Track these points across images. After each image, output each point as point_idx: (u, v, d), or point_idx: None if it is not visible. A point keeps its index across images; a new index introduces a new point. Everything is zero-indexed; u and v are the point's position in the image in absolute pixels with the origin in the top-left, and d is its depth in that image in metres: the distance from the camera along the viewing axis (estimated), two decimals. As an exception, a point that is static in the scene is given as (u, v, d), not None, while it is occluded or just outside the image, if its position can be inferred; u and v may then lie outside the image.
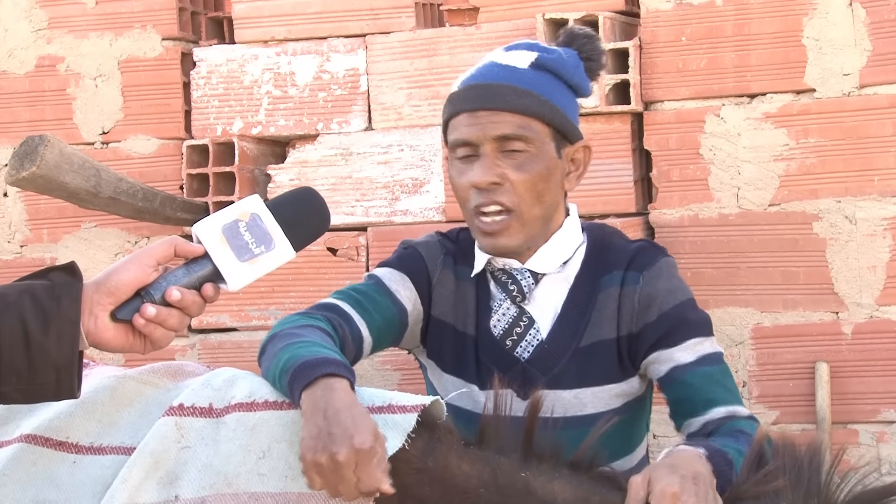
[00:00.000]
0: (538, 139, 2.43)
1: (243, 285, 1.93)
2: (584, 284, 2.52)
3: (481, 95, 2.44)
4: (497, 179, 2.42)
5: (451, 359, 2.57)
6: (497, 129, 2.42)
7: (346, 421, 1.97)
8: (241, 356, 3.39)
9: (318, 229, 2.04)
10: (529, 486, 2.01)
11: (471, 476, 2.04)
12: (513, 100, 2.42)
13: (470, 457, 2.05)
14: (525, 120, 2.43)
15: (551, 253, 2.51)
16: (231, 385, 2.18)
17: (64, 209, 3.54)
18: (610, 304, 2.50)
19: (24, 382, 1.83)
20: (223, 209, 1.96)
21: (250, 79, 3.47)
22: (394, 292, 2.52)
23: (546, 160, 2.45)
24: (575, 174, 2.53)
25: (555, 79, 2.47)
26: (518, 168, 2.42)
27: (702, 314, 2.51)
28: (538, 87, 2.44)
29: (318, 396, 2.02)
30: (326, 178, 3.41)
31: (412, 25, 3.38)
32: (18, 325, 1.81)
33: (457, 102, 2.48)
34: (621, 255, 2.53)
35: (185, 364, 2.38)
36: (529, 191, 2.43)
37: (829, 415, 3.04)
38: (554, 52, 2.50)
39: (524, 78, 2.44)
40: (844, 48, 3.06)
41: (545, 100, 2.44)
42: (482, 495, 2.02)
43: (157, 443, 2.10)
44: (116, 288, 1.87)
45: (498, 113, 2.43)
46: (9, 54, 3.64)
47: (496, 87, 2.44)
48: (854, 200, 3.06)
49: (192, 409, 2.15)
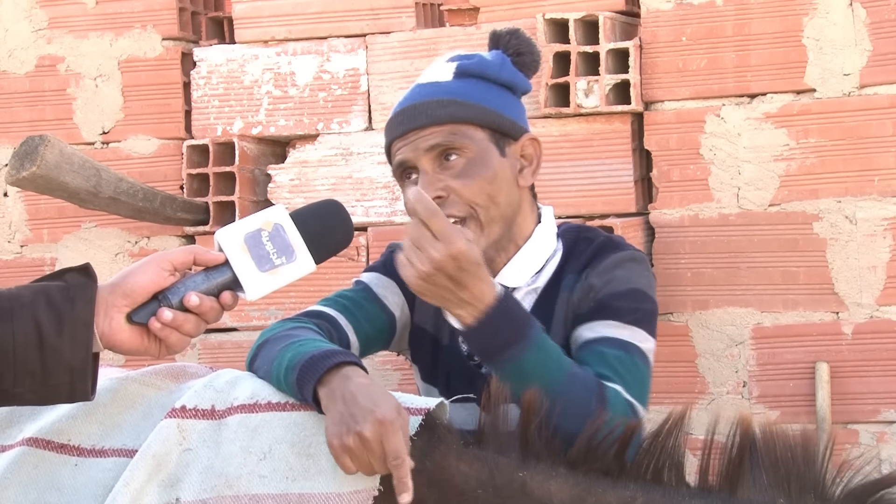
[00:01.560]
0: (472, 143, 2.44)
1: (261, 296, 1.93)
2: (549, 293, 2.50)
3: (408, 117, 2.47)
4: (441, 193, 2.42)
5: (428, 367, 2.58)
6: (426, 142, 2.44)
7: (364, 400, 1.99)
8: (241, 356, 3.38)
9: (340, 243, 2.04)
10: (526, 486, 2.02)
11: (469, 476, 2.04)
12: (436, 111, 2.44)
13: (468, 457, 2.05)
14: (454, 127, 2.44)
15: (522, 265, 2.50)
16: (233, 386, 2.18)
17: (64, 209, 3.54)
18: (561, 308, 2.48)
19: (38, 384, 1.84)
20: (247, 217, 1.95)
21: (250, 79, 3.47)
22: (381, 298, 2.52)
23: (488, 162, 2.45)
24: (529, 169, 2.52)
25: (480, 81, 2.49)
26: (459, 176, 2.43)
27: (634, 304, 2.42)
28: (462, 94, 2.46)
29: (335, 386, 2.03)
30: (326, 178, 3.41)
31: (412, 25, 3.38)
32: (33, 327, 1.81)
33: (389, 132, 2.51)
34: (581, 259, 2.50)
35: (188, 366, 2.38)
36: (477, 195, 2.42)
37: (829, 415, 3.04)
38: (474, 57, 2.52)
39: (446, 89, 2.47)
40: (845, 48, 3.06)
41: (472, 103, 2.45)
42: (480, 496, 2.02)
43: (159, 445, 2.10)
44: (132, 290, 1.87)
45: (425, 128, 2.45)
46: (9, 54, 3.64)
47: (419, 105, 2.47)
48: (854, 200, 3.06)
49: (195, 411, 2.15)
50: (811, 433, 2.02)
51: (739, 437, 2.01)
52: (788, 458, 1.99)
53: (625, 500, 2.00)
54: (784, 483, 1.98)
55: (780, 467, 1.99)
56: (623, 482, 2.03)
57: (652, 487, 2.02)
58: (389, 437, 1.95)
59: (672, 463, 2.03)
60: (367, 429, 1.95)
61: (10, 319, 1.81)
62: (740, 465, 2.00)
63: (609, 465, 2.04)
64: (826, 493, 1.97)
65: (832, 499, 1.97)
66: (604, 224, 3.10)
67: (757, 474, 1.99)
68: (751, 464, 2.00)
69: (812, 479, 1.97)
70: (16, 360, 1.81)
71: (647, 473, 2.03)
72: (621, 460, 2.04)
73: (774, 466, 1.99)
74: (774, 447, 2.00)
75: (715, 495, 2.00)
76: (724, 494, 1.99)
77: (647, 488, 2.02)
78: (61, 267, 2.02)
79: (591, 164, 3.21)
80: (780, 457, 1.99)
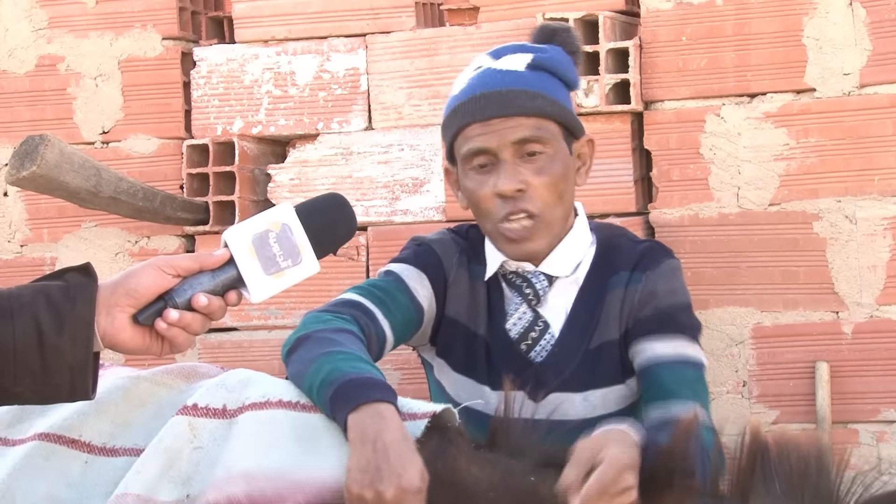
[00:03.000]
0: (553, 140, 2.44)
1: (266, 298, 1.93)
2: (593, 286, 2.51)
3: (492, 103, 2.43)
4: (522, 186, 2.41)
5: (462, 359, 2.56)
6: (515, 134, 2.41)
7: (395, 458, 1.95)
8: (241, 356, 3.39)
9: (343, 239, 2.04)
10: (537, 490, 2.01)
11: (480, 480, 2.03)
12: (525, 103, 2.42)
13: (479, 460, 2.04)
14: (539, 122, 2.43)
15: (564, 255, 2.51)
16: (245, 386, 2.18)
17: (64, 209, 3.54)
18: (615, 304, 2.49)
19: (39, 383, 1.83)
20: (255, 216, 1.94)
21: (250, 78, 3.47)
22: (412, 290, 2.50)
23: (562, 159, 2.46)
24: (584, 169, 2.54)
25: (553, 77, 2.48)
26: (539, 172, 2.42)
27: (694, 320, 2.50)
28: (544, 88, 2.44)
29: (368, 425, 1.99)
30: (326, 178, 3.40)
31: (412, 25, 3.38)
32: (33, 326, 1.81)
33: (466, 113, 2.45)
34: (628, 256, 2.52)
35: (199, 365, 2.38)
36: (552, 193, 2.43)
37: (829, 414, 3.04)
38: (546, 51, 2.51)
39: (528, 80, 2.44)
40: (844, 48, 3.06)
41: (553, 99, 2.44)
42: (491, 498, 2.01)
43: (171, 440, 2.11)
44: (136, 291, 1.87)
45: (512, 118, 2.42)
46: (9, 54, 3.64)
47: (506, 92, 2.42)
48: (854, 200, 3.06)
49: (206, 409, 2.14)
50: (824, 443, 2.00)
51: (750, 445, 1.99)
52: (801, 468, 1.97)
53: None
54: (797, 494, 1.96)
55: (793, 478, 1.96)
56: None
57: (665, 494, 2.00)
58: None
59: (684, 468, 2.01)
60: (389, 492, 1.92)
61: (10, 319, 1.81)
62: (752, 475, 1.98)
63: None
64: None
65: None
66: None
67: (769, 484, 1.97)
68: (763, 474, 1.98)
69: (825, 490, 1.96)
70: (16, 360, 1.81)
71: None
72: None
73: (787, 476, 1.97)
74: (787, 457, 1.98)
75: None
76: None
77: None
78: (61, 267, 2.01)
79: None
80: (794, 467, 1.97)
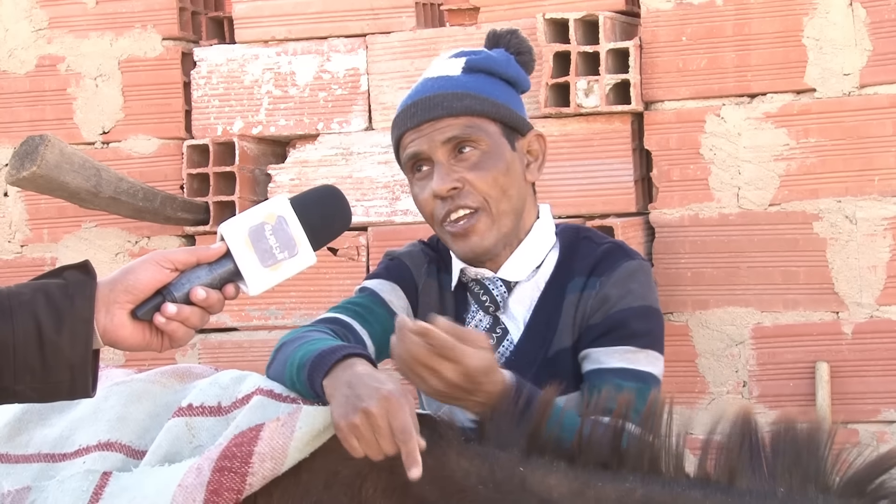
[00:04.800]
0: (487, 136, 2.45)
1: (263, 290, 1.93)
2: (552, 292, 2.50)
3: (422, 109, 2.47)
4: (457, 184, 2.43)
5: None
6: (443, 134, 2.44)
7: (369, 380, 1.98)
8: (241, 356, 3.39)
9: (338, 231, 2.05)
10: (526, 481, 2.01)
11: (469, 472, 2.04)
12: (452, 104, 2.45)
13: (469, 453, 2.05)
14: (470, 120, 2.45)
15: (522, 259, 2.50)
16: (238, 383, 2.21)
17: (64, 209, 3.54)
18: (570, 311, 2.48)
19: (39, 381, 1.84)
20: (250, 209, 1.94)
21: (250, 79, 3.48)
22: (388, 302, 2.53)
23: (501, 155, 2.46)
24: (535, 164, 2.54)
25: (489, 77, 2.51)
26: (474, 167, 2.44)
27: (651, 325, 2.45)
28: (474, 88, 2.47)
29: (339, 375, 2.03)
30: (326, 178, 3.40)
31: (412, 25, 3.38)
32: (32, 324, 1.81)
33: (401, 123, 2.50)
34: (586, 261, 2.50)
35: (193, 367, 2.40)
36: (492, 187, 2.44)
37: (829, 415, 3.04)
38: (481, 53, 2.54)
39: (459, 83, 2.48)
40: (845, 48, 3.06)
41: (484, 97, 2.46)
42: (480, 492, 2.02)
43: (169, 445, 2.12)
44: (134, 287, 1.87)
45: (441, 120, 2.45)
46: (9, 54, 3.65)
47: (433, 97, 2.47)
48: (854, 200, 3.06)
49: (202, 408, 2.16)
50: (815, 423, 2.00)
51: (739, 427, 2.00)
52: (790, 447, 1.98)
53: (624, 493, 2.00)
54: (785, 473, 1.97)
55: (781, 457, 1.98)
56: (622, 474, 2.02)
57: (651, 479, 2.01)
58: (396, 413, 1.93)
59: (669, 451, 2.02)
60: (373, 405, 1.93)
61: (9, 317, 1.81)
62: (739, 455, 1.99)
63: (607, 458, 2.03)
64: (826, 482, 1.96)
65: (832, 487, 1.96)
66: (604, 224, 3.11)
67: (757, 464, 1.98)
68: (751, 454, 1.99)
69: (813, 468, 1.96)
70: (16, 358, 1.81)
71: (645, 464, 2.02)
72: (618, 452, 2.03)
73: (775, 456, 1.98)
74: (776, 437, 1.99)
75: (714, 486, 1.99)
76: (722, 485, 1.99)
77: (645, 480, 2.01)
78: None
79: (591, 163, 3.21)
80: (782, 447, 1.98)
